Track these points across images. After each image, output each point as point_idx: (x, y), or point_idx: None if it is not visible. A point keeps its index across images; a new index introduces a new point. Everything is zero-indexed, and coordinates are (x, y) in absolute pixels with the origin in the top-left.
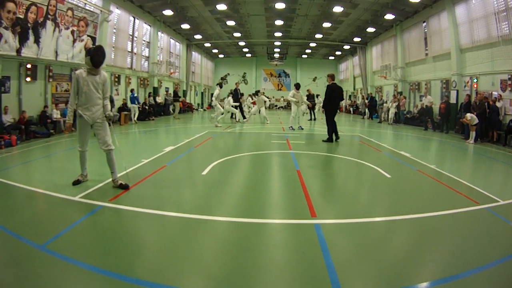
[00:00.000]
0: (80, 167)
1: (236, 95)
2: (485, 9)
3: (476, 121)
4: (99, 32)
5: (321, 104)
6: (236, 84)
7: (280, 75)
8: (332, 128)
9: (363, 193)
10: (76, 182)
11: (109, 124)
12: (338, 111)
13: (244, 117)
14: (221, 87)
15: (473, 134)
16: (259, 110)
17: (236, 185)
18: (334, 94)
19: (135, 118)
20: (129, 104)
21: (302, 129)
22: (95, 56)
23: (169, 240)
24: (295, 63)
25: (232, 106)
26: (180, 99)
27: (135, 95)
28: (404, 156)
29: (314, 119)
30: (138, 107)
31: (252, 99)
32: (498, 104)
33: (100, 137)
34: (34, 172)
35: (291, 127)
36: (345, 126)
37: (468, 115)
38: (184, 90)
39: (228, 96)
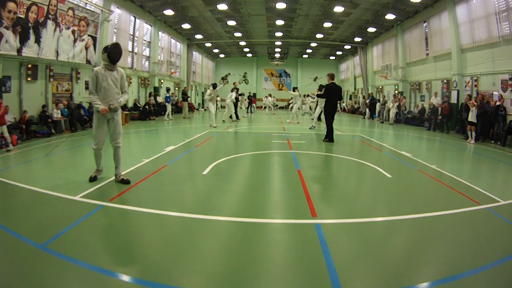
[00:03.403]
0: (96, 163)
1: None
2: (486, 9)
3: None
4: (99, 32)
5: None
6: (234, 84)
7: (281, 75)
8: (331, 127)
9: (364, 193)
10: (93, 179)
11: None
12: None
13: (237, 117)
14: (214, 87)
15: (472, 134)
16: (292, 107)
17: (236, 185)
18: (332, 93)
19: (168, 115)
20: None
21: (314, 127)
22: (112, 53)
23: (170, 240)
24: (296, 63)
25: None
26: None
27: (168, 94)
28: (405, 156)
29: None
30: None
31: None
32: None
33: (113, 133)
34: (34, 172)
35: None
36: (346, 126)
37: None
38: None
39: (232, 91)
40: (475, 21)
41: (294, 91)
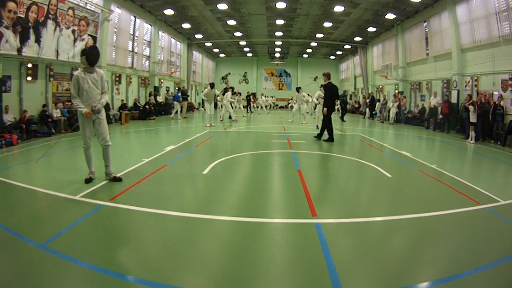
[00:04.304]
0: (87, 165)
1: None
2: (486, 9)
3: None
4: (100, 32)
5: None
6: (226, 83)
7: (281, 75)
8: (331, 127)
9: (364, 192)
10: (89, 180)
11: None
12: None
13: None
14: (212, 87)
15: (472, 133)
16: (299, 108)
17: (236, 185)
18: (330, 93)
19: (175, 113)
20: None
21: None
22: (90, 55)
23: (170, 239)
24: (296, 62)
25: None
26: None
27: (179, 94)
28: (405, 155)
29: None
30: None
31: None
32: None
33: (99, 133)
34: (34, 171)
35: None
36: (346, 126)
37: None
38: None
39: (227, 91)
40: (475, 21)
41: (298, 91)
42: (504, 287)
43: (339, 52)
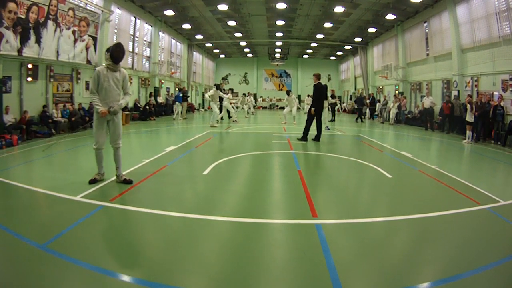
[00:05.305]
0: (97, 166)
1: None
2: (486, 9)
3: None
4: (100, 32)
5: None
6: (221, 84)
7: (281, 75)
8: (309, 127)
9: (364, 193)
10: (93, 181)
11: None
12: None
13: (222, 118)
14: (217, 88)
15: (469, 133)
16: (291, 110)
17: (237, 185)
18: (321, 94)
19: (177, 114)
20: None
21: (329, 129)
22: (115, 52)
23: (170, 240)
24: (296, 63)
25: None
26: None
27: (180, 95)
28: (405, 156)
29: (333, 120)
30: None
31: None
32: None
33: (112, 133)
34: (35, 172)
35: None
36: (346, 126)
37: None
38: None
39: (228, 93)
40: (476, 21)
41: (288, 94)
42: (504, 287)
43: (339, 53)
